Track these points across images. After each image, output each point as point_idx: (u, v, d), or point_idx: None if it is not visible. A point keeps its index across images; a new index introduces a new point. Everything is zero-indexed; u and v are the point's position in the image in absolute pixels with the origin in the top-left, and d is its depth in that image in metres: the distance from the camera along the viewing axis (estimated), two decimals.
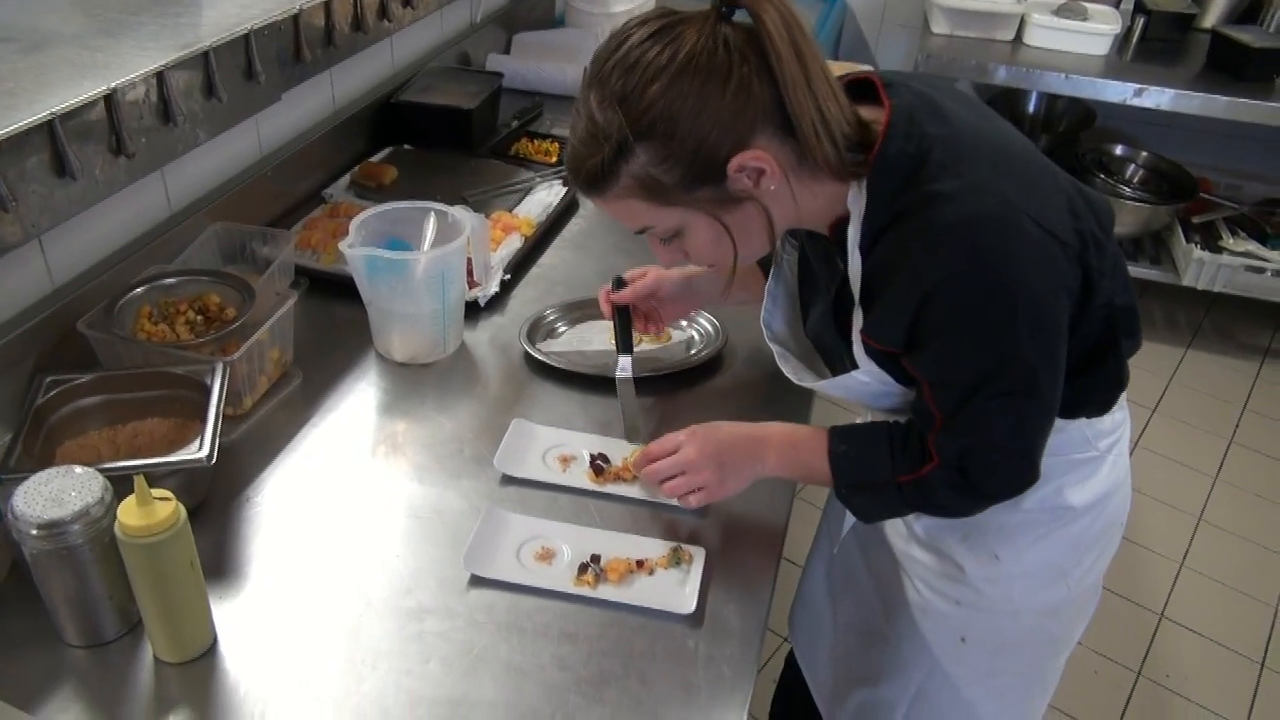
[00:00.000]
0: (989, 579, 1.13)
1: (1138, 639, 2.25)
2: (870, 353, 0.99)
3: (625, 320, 1.31)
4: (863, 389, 1.04)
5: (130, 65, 1.19)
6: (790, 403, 1.29)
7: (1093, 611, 1.26)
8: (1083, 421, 1.07)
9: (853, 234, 0.94)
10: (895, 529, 1.19)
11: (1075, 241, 0.92)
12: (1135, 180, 3.38)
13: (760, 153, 0.89)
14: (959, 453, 0.97)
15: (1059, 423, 1.01)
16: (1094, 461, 1.10)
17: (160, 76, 1.21)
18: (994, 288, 0.88)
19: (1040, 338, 0.91)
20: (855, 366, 1.02)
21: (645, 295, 1.30)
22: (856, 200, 0.93)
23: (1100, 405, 1.08)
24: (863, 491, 1.06)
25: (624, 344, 1.29)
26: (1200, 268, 3.08)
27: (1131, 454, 1.21)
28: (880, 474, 1.02)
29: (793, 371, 1.16)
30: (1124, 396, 1.12)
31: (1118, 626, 2.28)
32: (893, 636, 1.23)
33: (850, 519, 1.26)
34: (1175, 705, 2.11)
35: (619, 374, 1.27)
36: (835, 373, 1.12)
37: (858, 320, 0.98)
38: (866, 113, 0.93)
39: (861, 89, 0.96)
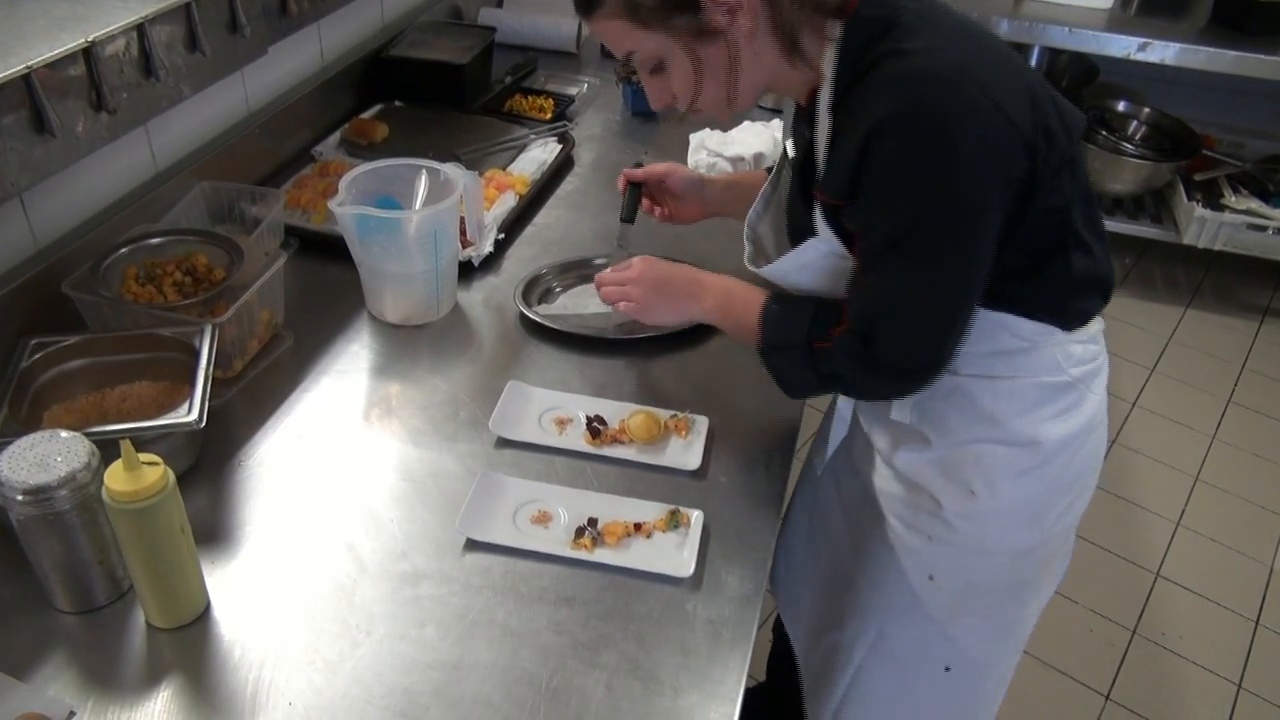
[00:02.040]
0: (964, 514, 1.12)
1: (1133, 597, 2.26)
2: (826, 215, 1.00)
3: (635, 196, 1.37)
4: (814, 264, 1.04)
5: (109, 18, 1.15)
6: None
7: (1063, 568, 1.25)
8: (1051, 340, 1.05)
9: (824, 95, 0.96)
10: (873, 464, 1.19)
11: (1027, 127, 0.91)
12: (1137, 137, 3.34)
13: None
14: (862, 313, 0.99)
15: (1028, 338, 1.03)
16: (1067, 391, 1.08)
17: (140, 29, 1.17)
18: (928, 139, 0.88)
19: (961, 204, 0.91)
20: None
21: (657, 179, 1.36)
22: (829, 64, 0.95)
23: (1054, 311, 1.04)
24: (781, 351, 1.07)
25: (627, 215, 1.36)
26: (1201, 226, 3.05)
27: (1129, 412, 1.20)
28: (798, 336, 1.04)
29: (750, 259, 1.19)
30: (1099, 328, 1.11)
31: (1114, 585, 2.29)
32: (860, 578, 1.23)
33: (826, 464, 1.29)
34: (1171, 663, 2.12)
35: (619, 240, 1.38)
36: None
37: (822, 183, 1.00)
38: None
39: None
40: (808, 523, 1.38)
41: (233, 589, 0.95)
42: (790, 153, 1.13)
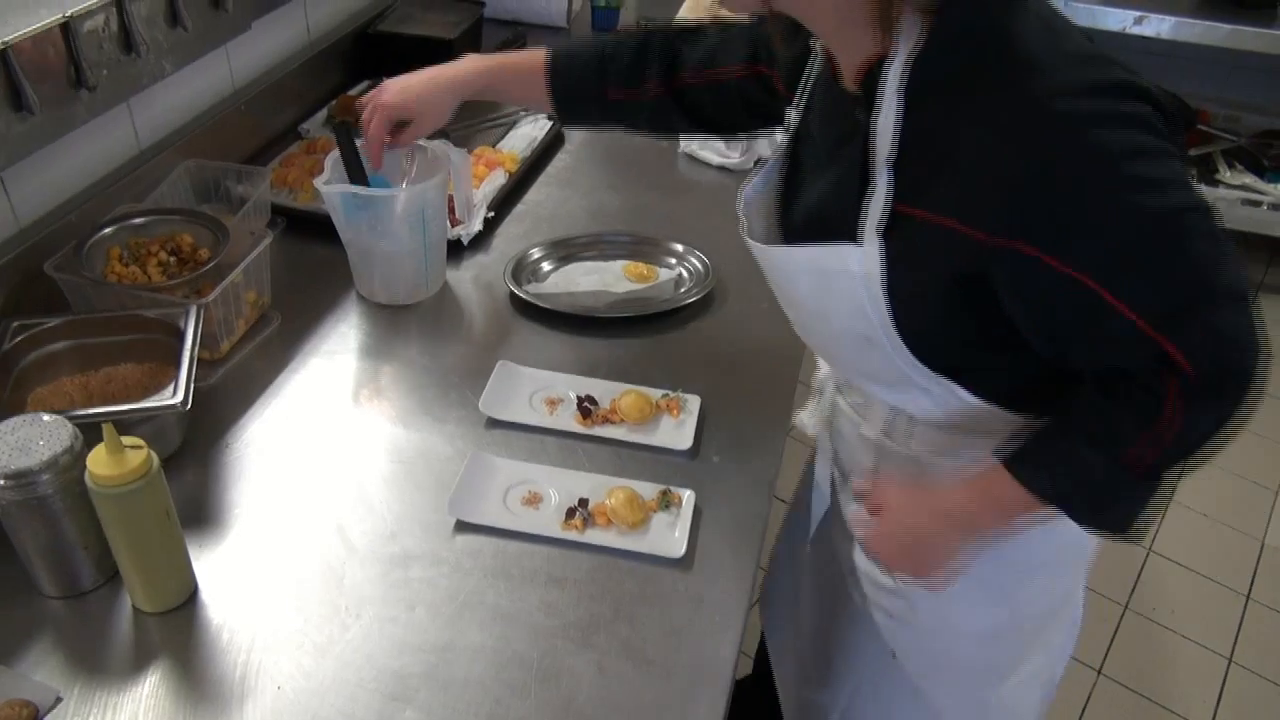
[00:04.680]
0: (921, 594, 1.03)
1: (1125, 573, 2.27)
2: (896, 226, 0.81)
3: (351, 150, 1.23)
4: (831, 273, 0.86)
5: None
6: (780, 342, 1.26)
7: (1066, 641, 1.15)
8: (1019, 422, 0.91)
9: (894, 75, 0.78)
10: (844, 535, 1.13)
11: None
12: None
13: None
14: (1211, 329, 0.76)
15: (1002, 419, 0.90)
16: None
17: (119, 3, 1.15)
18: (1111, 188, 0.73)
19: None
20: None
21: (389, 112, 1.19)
22: (910, 32, 0.77)
23: (1032, 398, 0.90)
24: (1107, 508, 0.85)
25: (355, 175, 1.23)
26: None
27: None
28: (1106, 477, 0.83)
29: (748, 232, 0.96)
30: None
31: (1106, 561, 2.28)
32: (834, 644, 1.20)
33: (818, 513, 1.21)
34: (1163, 638, 2.13)
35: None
36: None
37: (882, 185, 0.80)
38: None
39: None
40: (790, 582, 1.35)
41: (221, 572, 0.94)
42: (791, 125, 0.96)
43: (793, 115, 0.96)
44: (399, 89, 1.19)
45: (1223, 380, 0.78)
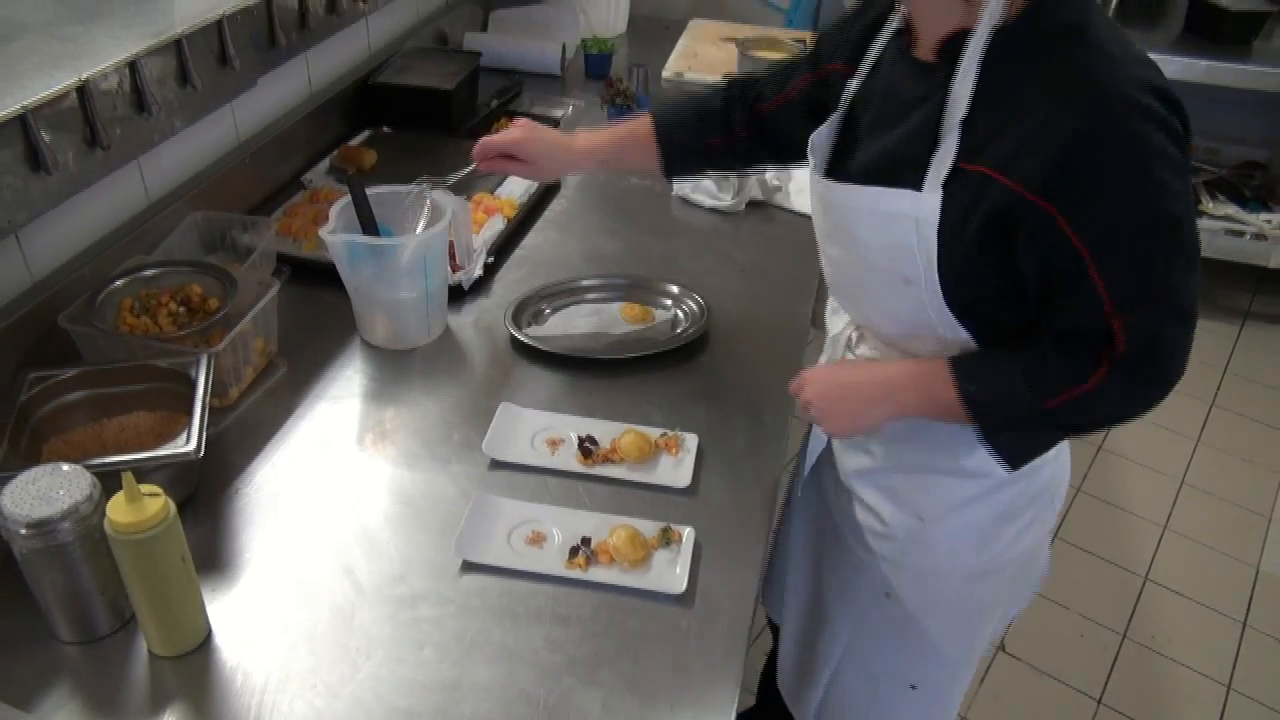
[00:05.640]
0: (912, 538, 1.14)
1: (1123, 602, 2.29)
2: (954, 178, 0.92)
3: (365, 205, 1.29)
4: (893, 216, 0.96)
5: (102, 54, 1.17)
6: (775, 380, 1.29)
7: (1030, 587, 1.26)
8: None
9: (976, 45, 0.89)
10: (837, 484, 1.22)
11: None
12: None
13: None
14: (1154, 329, 0.90)
15: None
16: None
17: (133, 65, 1.20)
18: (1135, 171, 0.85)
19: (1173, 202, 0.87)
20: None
21: (508, 146, 1.31)
22: (994, 8, 0.88)
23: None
24: (1010, 429, 1.01)
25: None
26: None
27: None
28: (1021, 409, 0.97)
29: (817, 169, 1.09)
30: None
31: (1103, 589, 2.31)
32: (830, 591, 1.27)
33: (804, 479, 1.30)
34: (1161, 666, 2.14)
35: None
36: None
37: (951, 142, 0.91)
38: None
39: None
40: (787, 533, 1.41)
41: (233, 616, 0.96)
42: (850, 93, 1.06)
43: (853, 85, 1.07)
44: (534, 134, 1.32)
45: (1144, 378, 0.93)
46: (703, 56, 2.32)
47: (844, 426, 1.10)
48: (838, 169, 1.06)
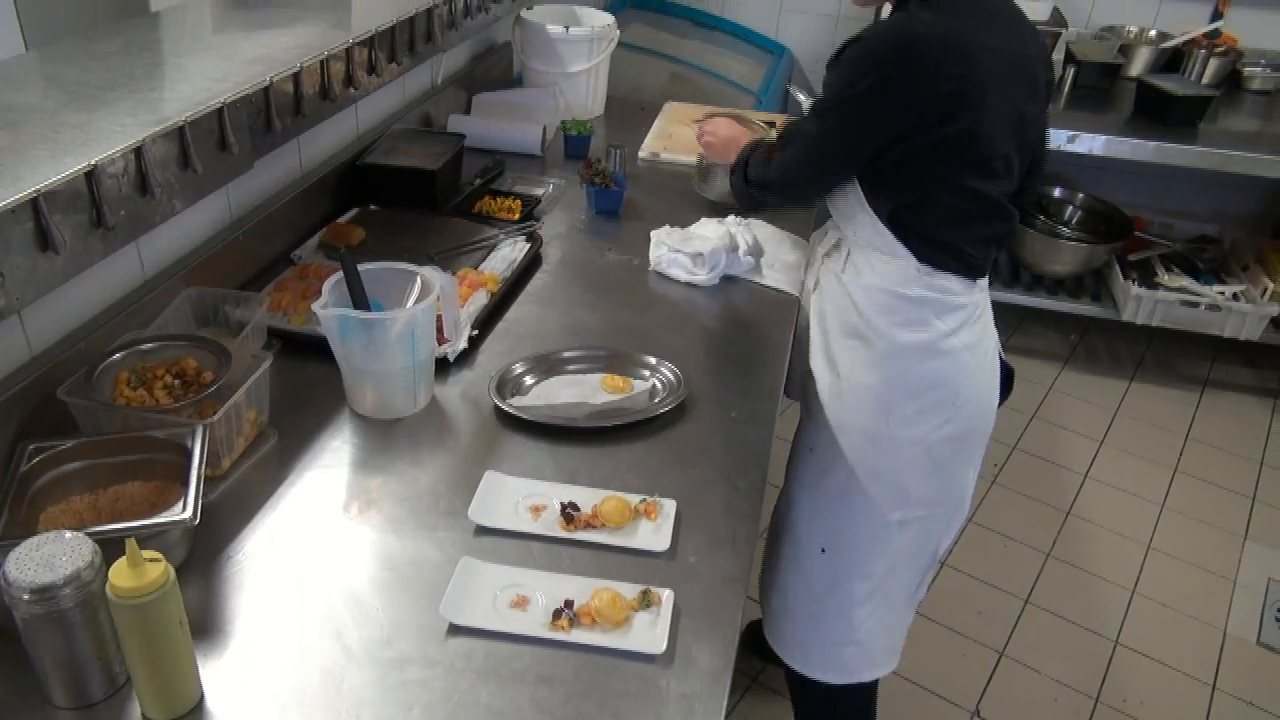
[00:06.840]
0: (830, 392, 1.53)
1: (1094, 665, 2.32)
2: None
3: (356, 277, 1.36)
4: None
5: (108, 140, 1.23)
6: (748, 447, 1.35)
7: (950, 501, 1.57)
8: (940, 281, 1.45)
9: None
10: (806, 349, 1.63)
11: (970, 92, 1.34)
12: (1074, 221, 3.53)
13: None
14: (777, 168, 1.52)
15: (896, 254, 1.45)
16: (919, 306, 1.45)
17: (139, 151, 1.26)
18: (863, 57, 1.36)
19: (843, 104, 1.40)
20: None
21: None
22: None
23: (926, 243, 1.44)
24: (735, 172, 1.63)
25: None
26: (1138, 303, 3.22)
27: (1082, 484, 1.30)
28: (744, 163, 1.60)
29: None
30: (980, 290, 1.50)
31: (1074, 653, 2.35)
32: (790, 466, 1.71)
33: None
34: None
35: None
36: None
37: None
38: None
39: None
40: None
41: (225, 680, 0.99)
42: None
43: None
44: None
45: (765, 175, 1.55)
46: (677, 137, 2.42)
47: (715, 154, 1.83)
48: None
